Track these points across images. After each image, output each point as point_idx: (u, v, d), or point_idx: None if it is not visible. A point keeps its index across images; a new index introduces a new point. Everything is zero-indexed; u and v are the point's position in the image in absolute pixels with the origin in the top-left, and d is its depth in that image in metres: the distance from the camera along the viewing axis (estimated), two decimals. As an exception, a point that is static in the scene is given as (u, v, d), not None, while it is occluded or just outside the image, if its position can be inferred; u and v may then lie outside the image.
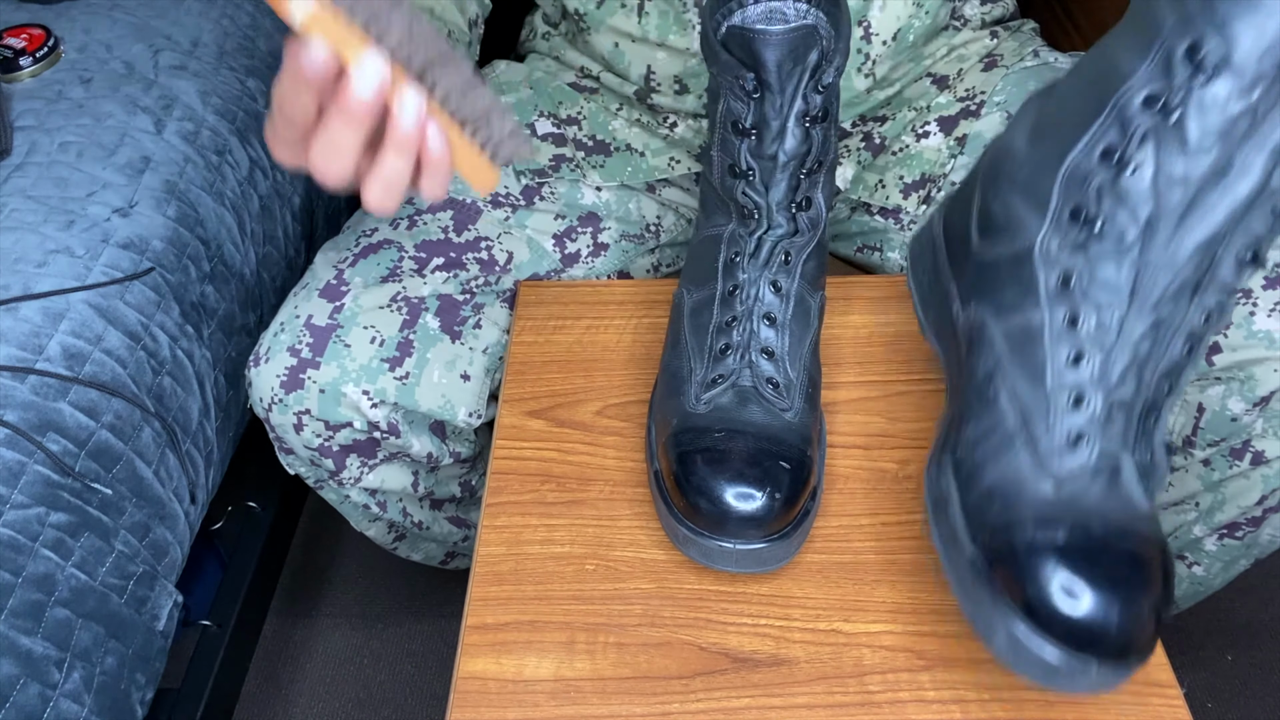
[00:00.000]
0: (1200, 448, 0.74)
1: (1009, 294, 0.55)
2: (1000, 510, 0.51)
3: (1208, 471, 0.76)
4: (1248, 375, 0.68)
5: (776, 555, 0.59)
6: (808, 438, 0.61)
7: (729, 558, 0.58)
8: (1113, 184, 0.50)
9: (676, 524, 0.60)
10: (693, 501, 0.58)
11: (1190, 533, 0.80)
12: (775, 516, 0.58)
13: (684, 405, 0.62)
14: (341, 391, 0.75)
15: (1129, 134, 0.50)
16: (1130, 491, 0.50)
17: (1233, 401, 0.70)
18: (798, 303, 0.63)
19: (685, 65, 0.81)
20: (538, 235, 0.82)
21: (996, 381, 0.54)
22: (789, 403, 0.61)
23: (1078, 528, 0.49)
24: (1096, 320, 0.51)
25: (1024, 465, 0.52)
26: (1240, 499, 0.76)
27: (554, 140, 0.85)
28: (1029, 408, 0.52)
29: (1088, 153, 0.51)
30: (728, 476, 0.58)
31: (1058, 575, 0.48)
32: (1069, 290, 0.52)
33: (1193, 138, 0.48)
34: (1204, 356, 0.52)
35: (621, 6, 0.80)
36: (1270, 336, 0.67)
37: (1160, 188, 0.49)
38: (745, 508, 0.57)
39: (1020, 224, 0.55)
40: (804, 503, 0.60)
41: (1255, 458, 0.73)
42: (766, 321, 0.63)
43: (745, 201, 0.62)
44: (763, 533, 0.58)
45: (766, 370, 0.62)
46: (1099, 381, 0.51)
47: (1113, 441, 0.51)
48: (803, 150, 0.61)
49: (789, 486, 0.58)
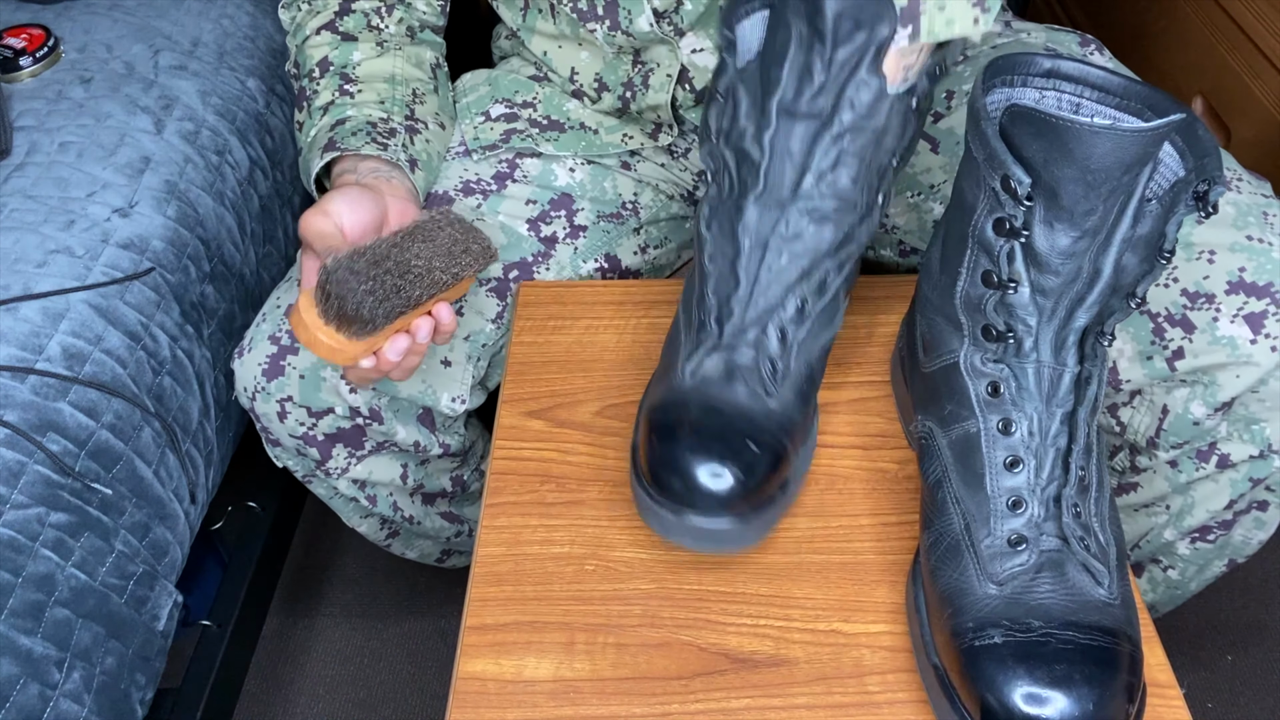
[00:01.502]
0: (1164, 449, 0.74)
1: (949, 404, 0.58)
2: (950, 616, 0.53)
3: (1175, 473, 0.76)
4: (1210, 380, 0.69)
5: (733, 536, 0.57)
6: (787, 429, 0.59)
7: (685, 531, 0.57)
8: (1001, 302, 0.54)
9: (641, 491, 0.59)
10: (655, 470, 0.57)
11: (1162, 536, 0.81)
12: (735, 496, 0.56)
13: (671, 379, 0.61)
14: (321, 376, 0.76)
15: (996, 257, 0.53)
16: (1077, 581, 0.52)
17: (1195, 405, 0.70)
18: (832, 298, 0.61)
19: (604, 62, 0.84)
20: (511, 221, 0.83)
21: (944, 489, 0.57)
22: (775, 390, 0.59)
23: (1016, 627, 0.51)
24: (1028, 426, 0.54)
25: (969, 570, 0.53)
26: (1209, 502, 0.76)
27: (506, 119, 0.86)
28: (971, 513, 0.55)
29: (971, 280, 0.56)
30: (692, 448, 0.56)
31: (998, 677, 0.49)
32: (999, 398, 0.55)
33: (1043, 251, 0.52)
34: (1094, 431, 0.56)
35: (539, 13, 0.84)
36: (1233, 342, 0.67)
37: (1037, 299, 0.53)
38: (706, 482, 0.55)
39: (946, 341, 0.59)
40: (771, 491, 0.58)
41: (1221, 461, 0.73)
42: (797, 303, 0.60)
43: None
44: (723, 511, 0.56)
45: (774, 350, 0.60)
46: (1034, 483, 0.54)
47: (1052, 538, 0.53)
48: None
49: (755, 469, 0.56)
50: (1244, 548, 0.82)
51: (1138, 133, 0.47)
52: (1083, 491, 0.54)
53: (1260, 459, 0.72)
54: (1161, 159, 0.52)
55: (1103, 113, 0.54)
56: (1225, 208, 0.69)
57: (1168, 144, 0.52)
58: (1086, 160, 0.48)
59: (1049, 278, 0.52)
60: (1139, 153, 0.48)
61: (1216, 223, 0.68)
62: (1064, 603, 0.51)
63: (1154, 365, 0.69)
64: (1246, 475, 0.74)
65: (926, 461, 0.59)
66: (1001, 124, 0.51)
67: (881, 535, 0.63)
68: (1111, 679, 0.49)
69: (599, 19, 0.79)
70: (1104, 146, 0.47)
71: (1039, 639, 0.50)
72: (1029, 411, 0.54)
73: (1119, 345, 0.70)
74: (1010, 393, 0.55)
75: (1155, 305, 0.69)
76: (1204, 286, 0.67)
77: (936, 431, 0.59)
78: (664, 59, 0.81)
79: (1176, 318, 0.68)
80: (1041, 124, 0.48)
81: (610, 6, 0.78)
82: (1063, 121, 0.47)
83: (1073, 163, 0.48)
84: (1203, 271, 0.68)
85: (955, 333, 0.58)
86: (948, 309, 0.58)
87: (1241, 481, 0.74)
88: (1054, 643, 0.50)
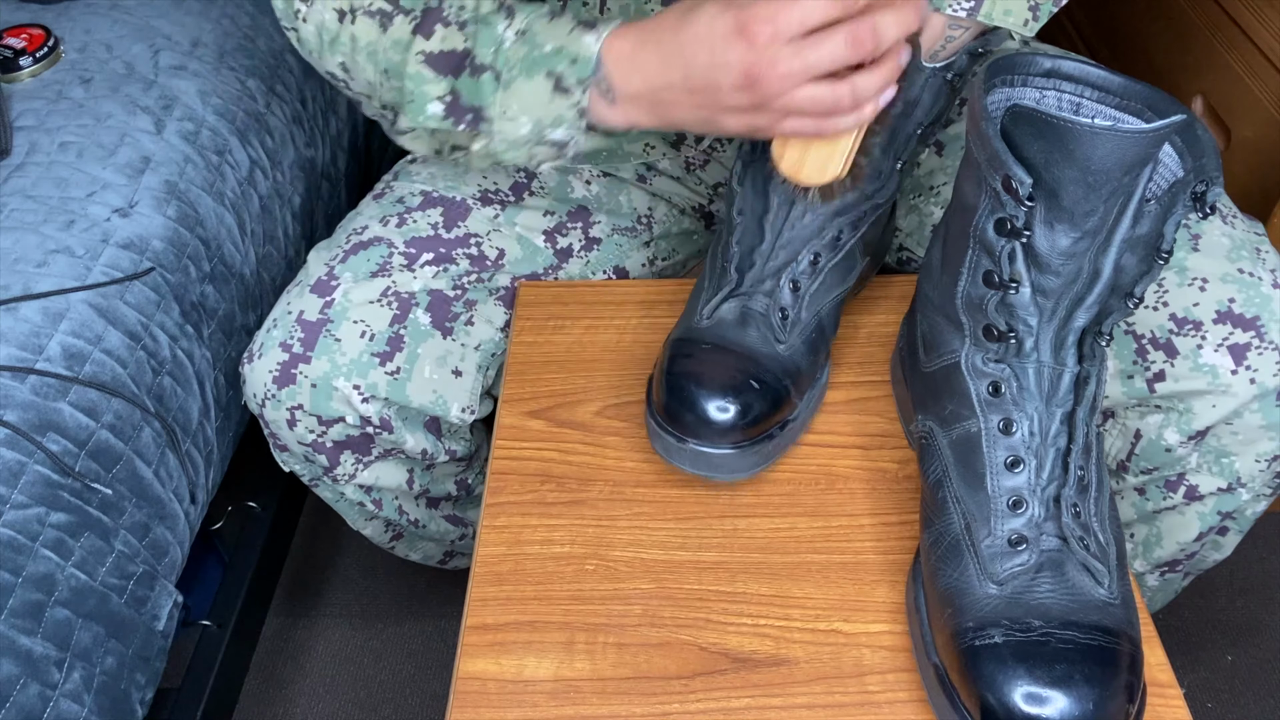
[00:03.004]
0: (1134, 474, 0.74)
1: (950, 404, 0.58)
2: (950, 616, 0.53)
3: (1142, 500, 0.76)
4: (1186, 407, 0.69)
5: (730, 465, 0.63)
6: (791, 374, 0.64)
7: (685, 456, 0.62)
8: (1003, 302, 0.54)
9: (650, 418, 0.64)
10: (664, 398, 0.63)
11: (1131, 566, 0.81)
12: (734, 428, 0.61)
13: (690, 319, 0.66)
14: (333, 386, 0.75)
15: (997, 258, 0.53)
16: (1077, 581, 0.52)
17: (1169, 432, 0.70)
18: (846, 254, 0.66)
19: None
20: (527, 232, 0.82)
21: (945, 489, 0.57)
22: (785, 337, 0.64)
23: (1016, 626, 0.51)
24: (1028, 426, 0.54)
25: (969, 569, 0.54)
26: (1178, 534, 0.76)
27: None
28: (971, 513, 0.55)
29: (972, 280, 0.56)
30: (698, 381, 0.61)
31: (998, 677, 0.49)
32: (1000, 397, 0.55)
33: (1044, 251, 0.52)
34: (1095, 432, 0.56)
35: (584, 6, 0.79)
36: (1214, 370, 0.67)
37: (1038, 299, 0.53)
38: (709, 412, 0.61)
39: (947, 341, 0.59)
40: (769, 428, 0.63)
41: (1189, 492, 0.73)
42: (811, 257, 0.65)
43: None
44: (723, 440, 0.61)
45: (786, 299, 0.64)
46: (1035, 483, 0.54)
47: (1052, 538, 0.53)
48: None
49: (755, 405, 0.61)
50: (1200, 566, 0.82)
51: (1139, 134, 0.47)
52: (1082, 491, 0.54)
53: (1228, 492, 0.72)
54: (1161, 159, 0.52)
55: (1103, 113, 0.54)
56: (1220, 239, 0.69)
57: (1167, 144, 0.52)
58: (1087, 161, 0.48)
59: (1049, 278, 0.52)
60: (1140, 154, 0.48)
61: (1211, 252, 0.69)
62: (1064, 602, 0.51)
63: (1134, 385, 0.69)
64: (1215, 509, 0.74)
65: (927, 461, 0.59)
66: (1003, 124, 0.51)
67: (881, 535, 0.63)
68: (1111, 679, 0.49)
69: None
70: (1105, 147, 0.47)
71: (1039, 639, 0.50)
72: (1030, 411, 0.54)
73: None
74: (1011, 393, 0.55)
75: (1141, 327, 0.69)
76: (1193, 313, 0.68)
77: (937, 431, 0.59)
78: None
79: (1161, 341, 0.68)
80: (1043, 125, 0.48)
81: None
82: (1064, 122, 0.47)
83: (1074, 163, 0.48)
84: (1193, 298, 0.68)
85: (956, 332, 0.58)
86: (949, 309, 0.58)
87: (1210, 515, 0.74)
88: (1054, 642, 0.50)
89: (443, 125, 0.65)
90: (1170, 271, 0.69)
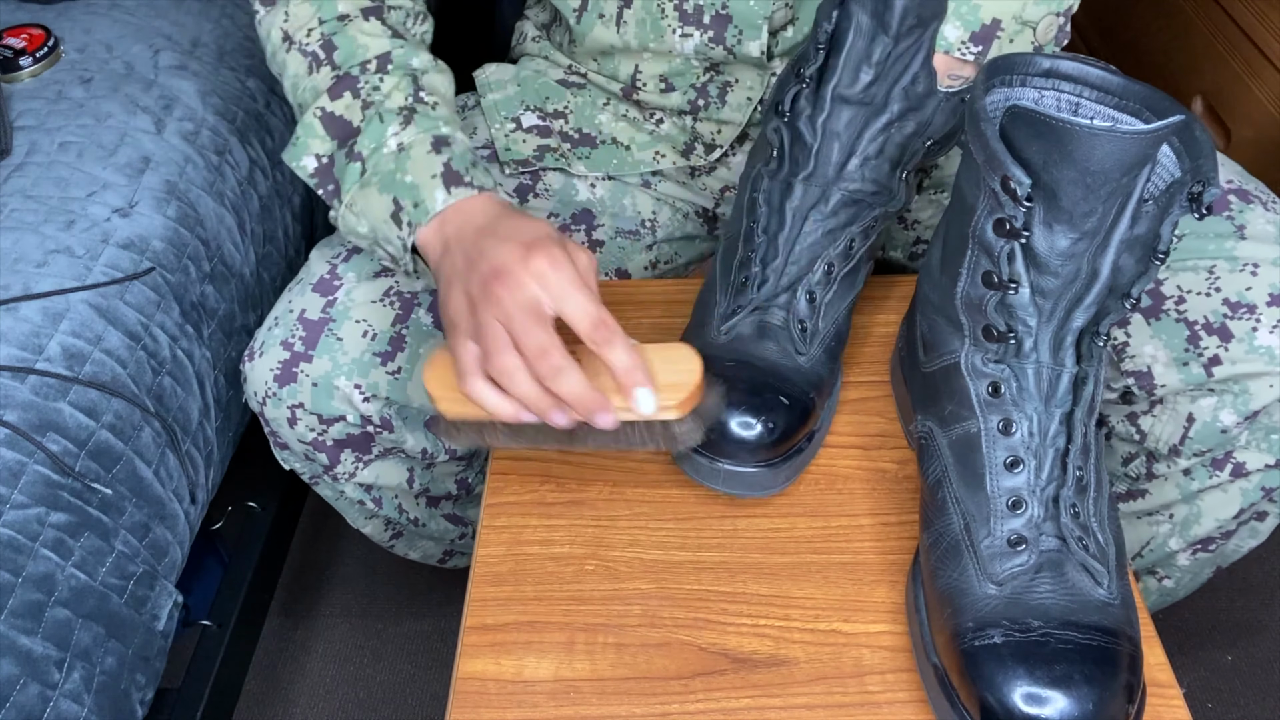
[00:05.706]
0: (1185, 457, 0.74)
1: (949, 404, 0.58)
2: (950, 616, 0.53)
3: (1187, 481, 0.76)
4: (1242, 389, 0.69)
5: (763, 482, 0.63)
6: (815, 384, 0.64)
7: (718, 476, 0.62)
8: (1002, 303, 0.54)
9: None
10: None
11: (1165, 546, 0.81)
12: (764, 445, 0.61)
13: (705, 335, 0.66)
14: (334, 385, 0.75)
15: (996, 258, 0.53)
16: (1076, 581, 0.52)
17: (1225, 413, 0.70)
18: (856, 262, 0.66)
19: (670, 65, 0.81)
20: None
21: (944, 489, 0.57)
22: (806, 349, 0.64)
23: (1016, 626, 0.51)
24: (1028, 426, 0.54)
25: (969, 570, 0.54)
26: (1218, 511, 0.77)
27: (539, 132, 0.85)
28: (971, 513, 0.55)
29: (971, 281, 0.56)
30: (726, 401, 0.61)
31: (998, 677, 0.49)
32: (1000, 398, 0.55)
33: (1042, 252, 0.52)
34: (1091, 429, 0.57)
35: (600, 18, 0.80)
36: (1271, 352, 0.67)
37: (1037, 300, 0.53)
38: (739, 432, 0.61)
39: (946, 341, 0.59)
40: (798, 441, 0.63)
41: (1236, 469, 0.73)
42: (824, 268, 0.65)
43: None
44: (754, 458, 0.62)
45: (803, 311, 0.65)
46: (1034, 483, 0.54)
47: (1051, 538, 0.53)
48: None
49: (784, 420, 0.61)
50: (1234, 554, 0.83)
51: (1137, 135, 0.47)
52: (1081, 492, 0.54)
53: (1276, 468, 0.73)
54: (1159, 160, 0.52)
55: (1102, 113, 0.54)
56: (1266, 226, 0.70)
57: (1165, 145, 0.52)
58: (1086, 162, 0.48)
59: (1048, 279, 0.52)
60: (1139, 154, 0.48)
61: (1261, 238, 0.69)
62: (1064, 603, 0.51)
63: (1190, 371, 0.70)
64: (1259, 484, 0.74)
65: (926, 461, 0.59)
66: (1001, 125, 0.51)
67: (881, 535, 0.63)
68: (1111, 679, 0.49)
69: (702, 27, 0.77)
70: (1104, 148, 0.47)
71: (1039, 639, 0.50)
72: (1029, 412, 0.54)
73: (1152, 352, 0.70)
74: (1011, 393, 0.55)
75: (1194, 314, 0.69)
76: (1246, 297, 0.68)
77: (936, 431, 0.59)
78: (750, 80, 0.80)
79: (1215, 326, 0.69)
80: (1041, 125, 0.48)
81: (720, 20, 0.76)
82: (1063, 123, 0.47)
83: (1072, 164, 0.48)
84: (1245, 283, 0.69)
85: (955, 333, 0.58)
86: (948, 309, 0.58)
87: (1253, 491, 0.75)
88: (1054, 643, 0.50)
89: (309, 180, 0.70)
90: (1220, 259, 0.69)
